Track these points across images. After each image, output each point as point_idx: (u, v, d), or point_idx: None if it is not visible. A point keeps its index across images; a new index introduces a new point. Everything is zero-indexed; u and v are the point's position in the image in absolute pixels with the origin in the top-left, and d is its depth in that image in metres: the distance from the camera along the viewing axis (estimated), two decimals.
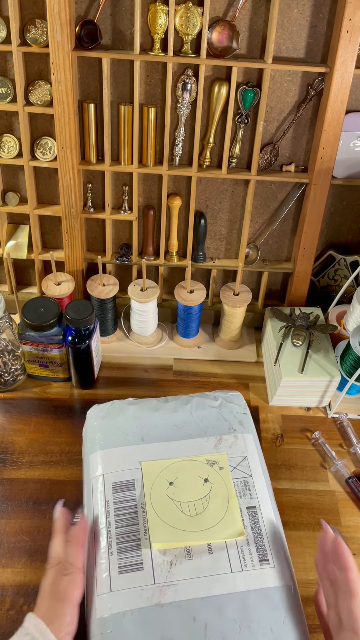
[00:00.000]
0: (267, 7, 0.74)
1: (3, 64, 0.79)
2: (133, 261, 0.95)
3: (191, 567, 0.54)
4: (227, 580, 0.54)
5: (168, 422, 0.68)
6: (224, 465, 0.63)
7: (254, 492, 0.61)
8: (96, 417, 0.70)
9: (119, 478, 0.61)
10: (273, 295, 1.03)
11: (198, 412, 0.69)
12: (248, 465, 0.64)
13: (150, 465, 0.63)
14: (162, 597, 0.52)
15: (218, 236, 0.95)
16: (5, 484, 0.76)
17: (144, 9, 0.74)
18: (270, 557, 0.56)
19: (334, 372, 0.84)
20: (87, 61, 0.78)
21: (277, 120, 0.83)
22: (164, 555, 0.55)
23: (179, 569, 0.54)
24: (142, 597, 0.52)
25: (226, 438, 0.66)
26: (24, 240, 0.94)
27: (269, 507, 0.61)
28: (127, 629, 0.50)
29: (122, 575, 0.54)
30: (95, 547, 0.57)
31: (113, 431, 0.67)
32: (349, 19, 0.70)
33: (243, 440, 0.66)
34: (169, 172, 0.85)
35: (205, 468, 0.62)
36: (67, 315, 0.82)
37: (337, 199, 0.91)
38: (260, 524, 0.59)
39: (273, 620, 0.52)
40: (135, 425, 0.67)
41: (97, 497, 0.61)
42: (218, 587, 0.53)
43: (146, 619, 0.51)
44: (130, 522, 0.58)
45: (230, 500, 0.60)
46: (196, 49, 0.76)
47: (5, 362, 0.85)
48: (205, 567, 0.55)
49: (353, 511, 0.76)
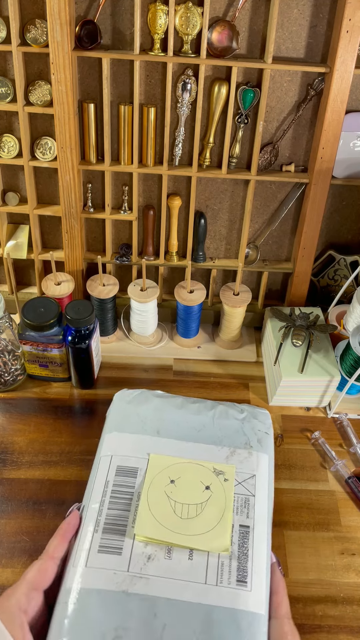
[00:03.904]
0: (267, 7, 0.74)
1: (3, 64, 0.79)
2: (133, 261, 0.95)
3: (168, 566, 0.54)
4: (199, 589, 0.52)
5: (188, 422, 0.67)
6: (229, 477, 0.62)
7: (252, 512, 0.59)
8: (122, 401, 0.70)
9: (125, 463, 0.62)
10: (273, 295, 1.03)
11: (220, 420, 0.68)
12: (254, 484, 0.62)
13: (157, 459, 0.63)
14: (131, 586, 0.52)
15: (218, 236, 0.95)
16: (5, 484, 0.76)
17: (144, 9, 0.74)
18: (249, 580, 0.54)
19: (334, 372, 0.84)
20: (87, 61, 0.78)
21: (277, 120, 0.83)
22: (144, 547, 0.55)
23: (155, 565, 0.54)
24: (111, 581, 0.52)
25: (240, 452, 0.64)
26: (24, 240, 0.94)
27: (263, 531, 0.58)
28: (89, 606, 0.51)
29: (100, 554, 0.54)
30: (83, 522, 0.58)
31: (133, 417, 0.67)
32: (349, 19, 0.70)
33: (256, 459, 0.64)
34: (169, 172, 0.85)
35: (210, 476, 0.62)
36: (67, 315, 0.82)
37: (337, 199, 0.91)
38: (248, 545, 0.56)
39: None
40: (155, 417, 0.68)
41: (99, 475, 0.61)
42: (187, 594, 0.52)
43: (110, 602, 0.51)
44: (123, 507, 0.58)
45: (226, 513, 0.58)
46: (196, 49, 0.76)
47: (5, 362, 0.85)
48: (181, 571, 0.54)
49: (353, 511, 0.76)
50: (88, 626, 0.50)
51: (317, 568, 0.70)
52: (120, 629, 0.49)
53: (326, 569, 0.70)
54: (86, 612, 0.50)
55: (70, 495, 0.75)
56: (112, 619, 0.50)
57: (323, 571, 0.70)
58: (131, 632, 0.49)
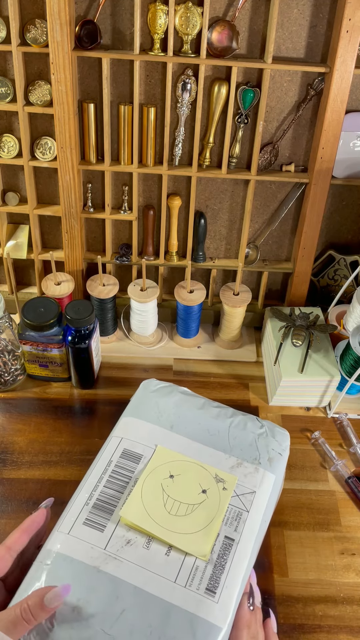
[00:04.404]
0: (267, 7, 0.74)
1: (3, 64, 0.79)
2: (133, 261, 0.95)
3: (143, 555, 0.55)
4: (166, 586, 0.53)
5: (203, 424, 0.67)
6: (229, 487, 0.61)
7: (241, 527, 0.58)
8: (146, 389, 0.72)
9: (132, 448, 0.63)
10: (273, 295, 1.03)
11: (236, 430, 0.67)
12: (252, 500, 0.61)
13: (163, 451, 0.63)
14: (103, 565, 0.53)
15: (218, 236, 0.95)
16: (5, 484, 0.76)
17: (143, 9, 0.74)
18: (218, 592, 0.53)
19: (334, 372, 0.84)
20: (87, 61, 0.78)
21: (277, 120, 0.83)
22: (126, 531, 0.56)
23: (131, 551, 0.55)
24: (87, 554, 0.54)
25: (247, 465, 0.63)
26: (23, 240, 0.94)
27: (247, 548, 0.57)
28: (60, 572, 0.52)
29: (84, 526, 0.56)
30: (79, 493, 0.59)
31: (152, 407, 0.68)
32: (348, 19, 0.70)
33: (262, 477, 0.63)
34: (168, 172, 0.85)
35: (210, 481, 0.61)
36: (67, 315, 0.82)
37: (337, 199, 0.91)
38: (228, 558, 0.56)
39: None
40: (173, 411, 0.68)
41: (106, 453, 0.63)
42: (154, 587, 0.52)
43: (80, 573, 0.53)
44: (118, 488, 0.59)
45: (215, 521, 0.58)
46: (196, 49, 0.76)
47: (5, 362, 0.85)
48: (155, 564, 0.54)
49: (353, 511, 0.76)
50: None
51: (317, 568, 0.70)
52: (82, 600, 0.51)
53: (326, 569, 0.70)
54: (56, 576, 0.52)
55: (70, 495, 0.74)
56: (77, 590, 0.51)
57: (323, 571, 0.70)
58: (90, 606, 0.50)
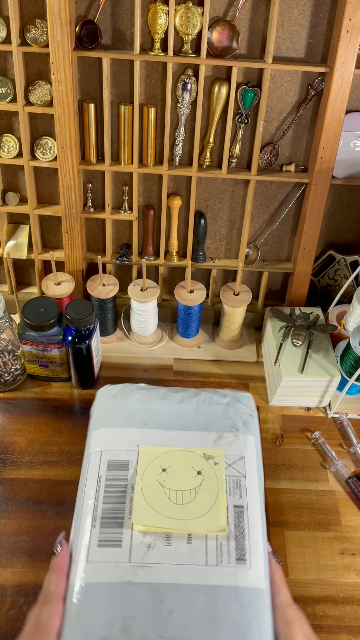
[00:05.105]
0: (267, 7, 0.74)
1: (3, 64, 0.79)
2: (133, 261, 0.95)
3: (168, 553, 0.55)
4: (201, 572, 0.54)
5: (173, 412, 0.68)
6: (219, 461, 0.63)
7: (244, 492, 0.61)
8: (105, 396, 0.71)
9: (115, 457, 0.62)
10: (273, 295, 1.03)
11: (204, 407, 0.69)
12: (244, 465, 0.64)
13: (147, 450, 0.63)
14: (134, 576, 0.53)
15: (218, 236, 0.95)
16: (5, 484, 0.76)
17: (144, 9, 0.74)
18: (248, 558, 0.56)
19: (334, 372, 0.84)
20: (87, 61, 0.78)
21: (277, 120, 0.83)
22: (143, 537, 0.56)
23: (155, 553, 0.55)
24: (114, 573, 0.53)
25: (227, 436, 0.66)
26: (24, 240, 0.94)
27: (257, 509, 0.60)
28: (94, 600, 0.51)
29: (100, 548, 0.55)
30: (81, 518, 0.58)
31: (118, 412, 0.68)
32: (349, 19, 0.70)
33: (244, 441, 0.66)
34: (169, 172, 0.85)
35: (201, 461, 0.63)
36: (67, 315, 0.82)
37: (337, 199, 0.91)
38: (244, 524, 0.58)
39: (239, 619, 0.52)
40: (140, 409, 0.68)
41: (91, 472, 0.62)
42: (190, 577, 0.53)
43: (115, 594, 0.52)
44: (118, 500, 0.59)
45: (219, 496, 0.60)
46: (196, 49, 0.76)
47: (5, 362, 0.85)
48: (182, 556, 0.55)
49: (353, 511, 0.76)
50: (96, 619, 0.50)
51: (317, 568, 0.70)
52: (129, 618, 0.50)
53: (326, 569, 0.70)
54: (92, 606, 0.51)
55: (70, 495, 0.74)
56: (119, 610, 0.51)
57: (323, 571, 0.70)
58: (139, 620, 0.50)
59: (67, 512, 0.70)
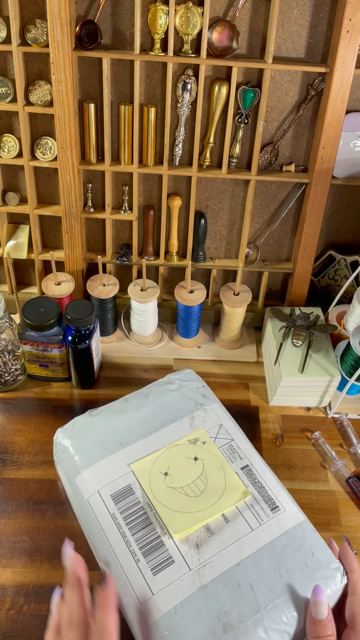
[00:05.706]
0: (267, 7, 0.74)
1: (3, 64, 0.79)
2: (133, 261, 0.95)
3: (216, 541, 0.57)
4: (252, 538, 0.57)
5: (138, 419, 0.69)
6: (206, 439, 0.66)
7: (241, 453, 0.65)
8: (67, 438, 0.68)
9: (115, 488, 0.61)
10: (273, 295, 1.03)
11: (162, 400, 0.71)
12: (226, 431, 0.67)
13: (140, 465, 0.63)
14: (202, 579, 0.54)
15: (218, 236, 0.95)
16: (5, 484, 0.76)
17: (144, 9, 0.74)
18: (279, 504, 0.60)
19: (334, 372, 0.84)
20: (87, 61, 0.78)
21: (277, 120, 0.83)
22: (187, 541, 0.57)
23: (206, 548, 0.57)
24: (184, 587, 0.54)
25: (197, 414, 0.69)
26: (24, 240, 0.94)
27: (258, 461, 0.65)
28: (183, 622, 0.52)
29: (157, 575, 0.55)
30: (120, 563, 0.56)
31: (89, 447, 0.66)
32: (349, 19, 0.70)
33: (213, 411, 0.69)
34: (169, 172, 0.85)
35: (191, 448, 0.65)
36: (67, 315, 0.82)
37: (337, 199, 0.91)
38: (258, 479, 0.62)
39: (303, 556, 0.56)
40: (107, 433, 0.67)
41: (101, 515, 0.60)
42: (247, 549, 0.56)
43: (196, 604, 0.53)
44: (144, 524, 0.58)
45: (225, 468, 0.63)
46: (196, 49, 0.76)
47: (5, 362, 0.85)
48: (228, 536, 0.57)
49: (353, 511, 0.76)
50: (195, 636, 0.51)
51: None
52: (222, 616, 0.52)
53: None
54: (184, 628, 0.51)
55: None
56: (209, 615, 0.52)
57: None
58: (232, 611, 0.52)
59: (67, 512, 0.70)
